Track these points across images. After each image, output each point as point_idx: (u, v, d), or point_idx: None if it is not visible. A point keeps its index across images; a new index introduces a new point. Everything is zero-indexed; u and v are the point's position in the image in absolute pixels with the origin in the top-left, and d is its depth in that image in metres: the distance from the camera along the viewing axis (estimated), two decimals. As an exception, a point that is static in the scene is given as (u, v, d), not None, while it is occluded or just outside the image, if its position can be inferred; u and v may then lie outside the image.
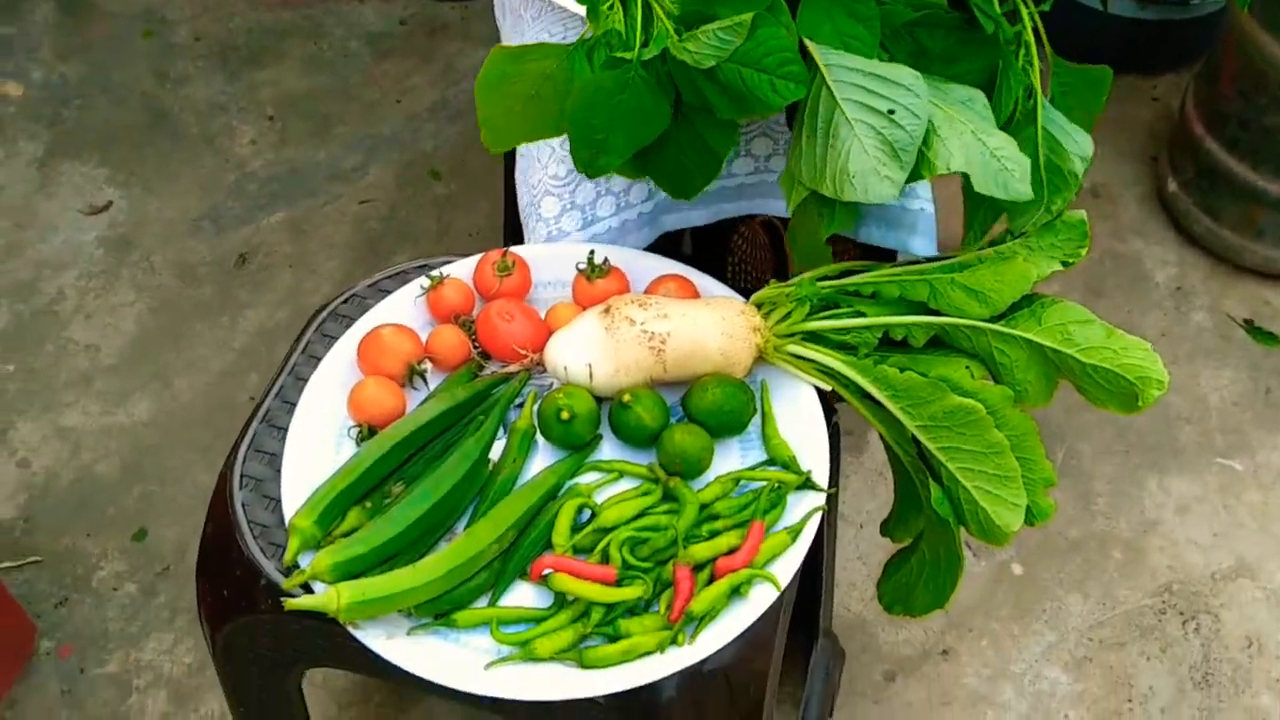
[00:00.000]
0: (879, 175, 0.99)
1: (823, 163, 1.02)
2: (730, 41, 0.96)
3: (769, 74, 0.97)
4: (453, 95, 2.53)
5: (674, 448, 1.05)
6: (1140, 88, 2.53)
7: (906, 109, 1.00)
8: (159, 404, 2.05)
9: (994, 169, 1.01)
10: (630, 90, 1.00)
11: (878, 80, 1.01)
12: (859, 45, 1.04)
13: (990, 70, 1.13)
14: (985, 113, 1.08)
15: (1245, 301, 2.18)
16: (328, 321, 1.22)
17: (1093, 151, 1.14)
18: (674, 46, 0.99)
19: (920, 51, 1.10)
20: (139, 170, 2.39)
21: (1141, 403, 1.08)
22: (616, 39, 1.02)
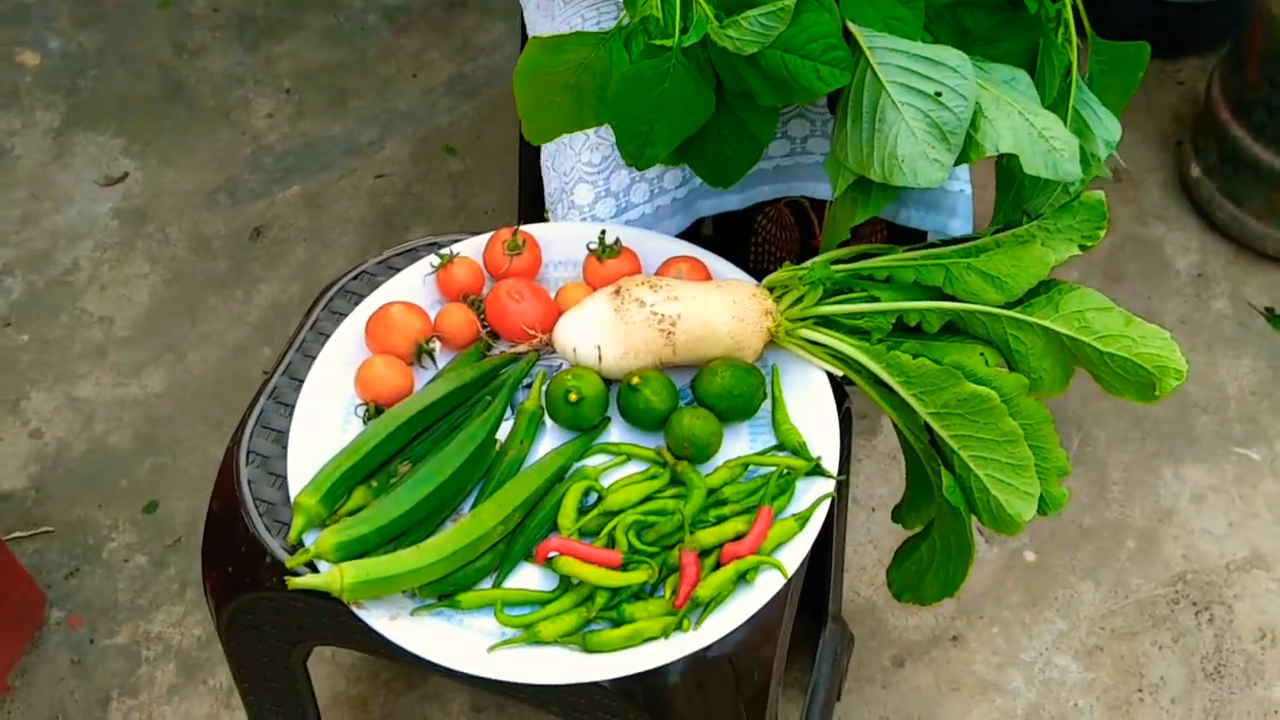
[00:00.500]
0: (928, 159, 0.98)
1: (869, 147, 1.01)
2: (773, 27, 0.95)
3: (813, 60, 0.96)
4: (470, 70, 2.52)
5: (682, 431, 1.04)
6: (1165, 71, 2.50)
7: (953, 90, 0.98)
8: (172, 376, 2.05)
9: (1042, 149, 1.00)
10: (671, 79, 0.99)
11: (924, 62, 0.99)
12: (903, 27, 1.02)
13: (1031, 50, 1.11)
14: (1030, 92, 1.06)
15: (1266, 289, 2.16)
16: (337, 298, 1.21)
17: (1119, 136, 1.12)
18: (715, 33, 0.97)
19: (963, 32, 1.09)
20: (155, 141, 2.38)
21: (1159, 392, 1.07)
22: (655, 25, 1.00)
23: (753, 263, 1.58)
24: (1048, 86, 1.11)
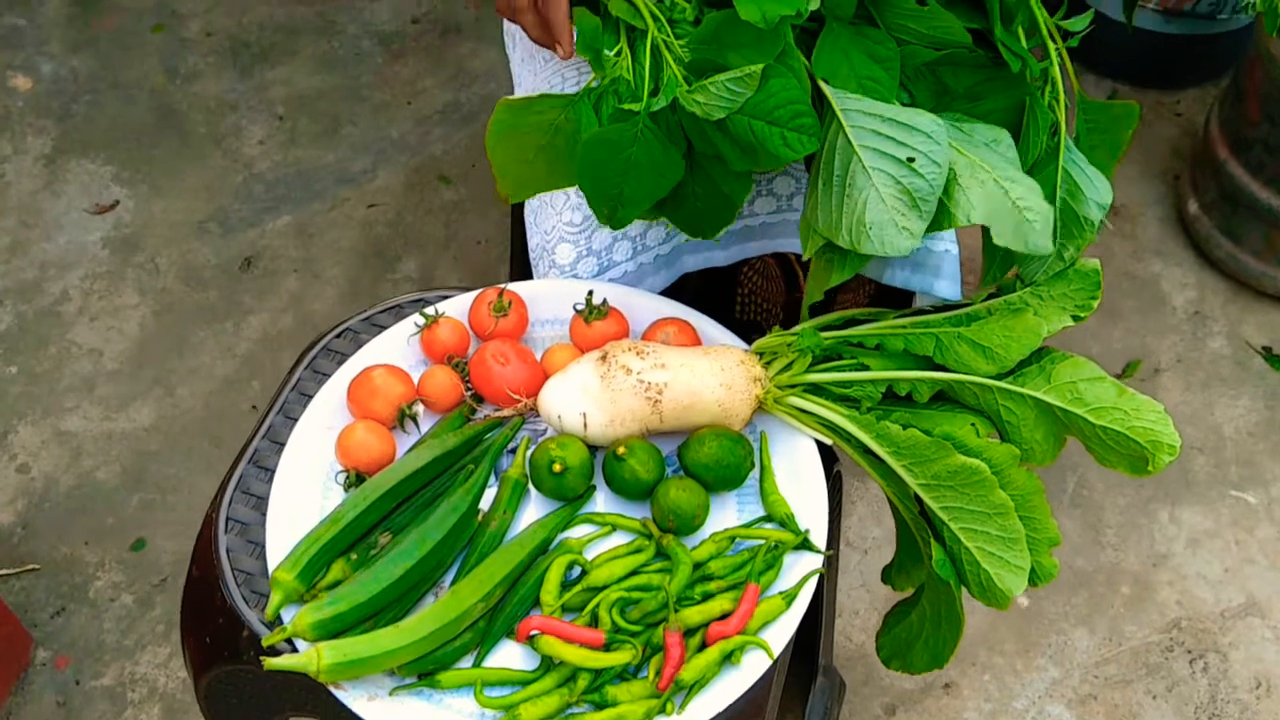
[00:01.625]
0: (897, 227, 0.96)
1: (838, 212, 0.99)
2: (741, 93, 0.93)
3: (780, 126, 0.94)
4: (464, 98, 2.50)
5: (668, 503, 1.02)
6: (1163, 104, 2.48)
7: (927, 156, 0.96)
8: (161, 410, 2.03)
9: (1014, 221, 0.98)
10: (640, 143, 0.97)
11: (897, 126, 0.97)
12: (877, 88, 1.00)
13: (1017, 108, 1.09)
14: (1010, 154, 1.04)
15: (1264, 328, 2.14)
16: (320, 357, 1.20)
17: (1111, 199, 1.11)
18: (683, 97, 0.95)
19: (942, 91, 1.07)
20: (146, 169, 2.37)
21: (1152, 468, 1.05)
22: (625, 88, 0.99)
23: (738, 314, 1.56)
24: (1032, 146, 1.09)
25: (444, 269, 2.22)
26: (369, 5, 2.67)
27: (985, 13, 1.00)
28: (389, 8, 2.67)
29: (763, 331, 1.58)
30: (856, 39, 1.00)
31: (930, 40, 1.04)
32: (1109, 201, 1.12)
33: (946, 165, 0.95)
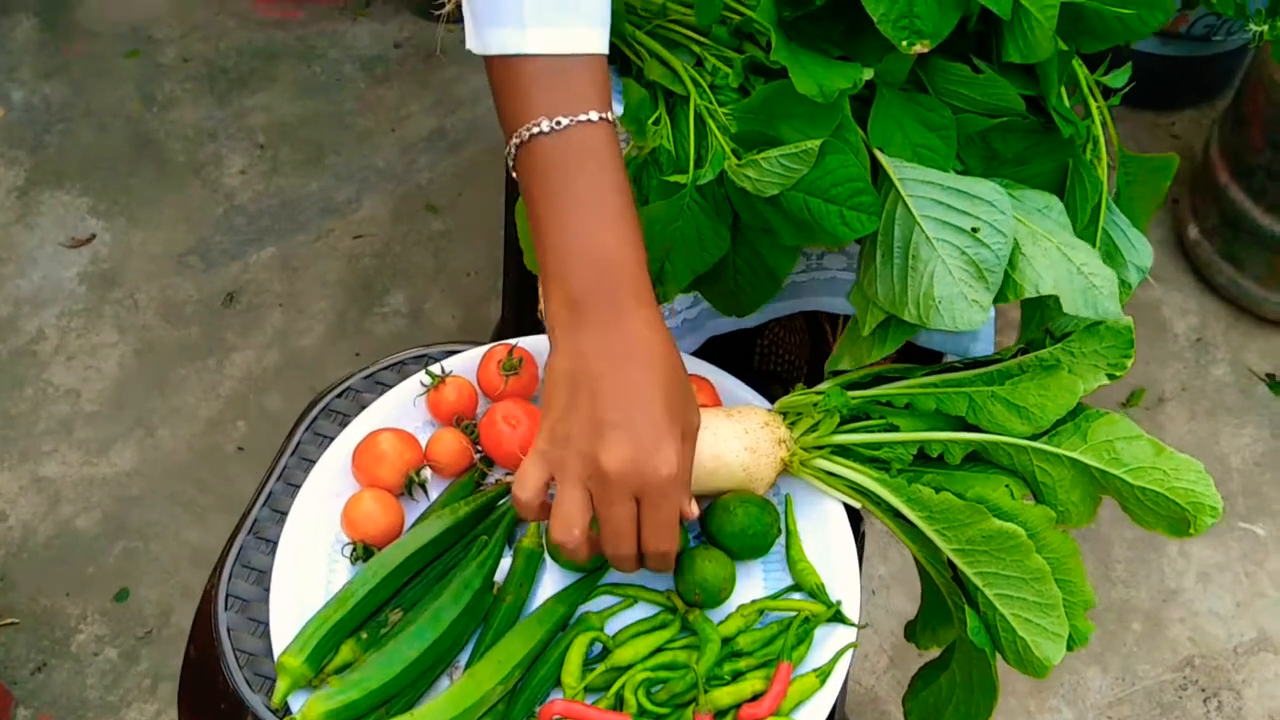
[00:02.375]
0: (966, 300, 0.92)
1: (902, 285, 0.95)
2: (796, 169, 0.88)
3: (838, 205, 0.89)
4: (450, 124, 2.45)
5: (694, 576, 0.98)
6: (1160, 124, 2.46)
7: (991, 226, 0.92)
8: (142, 453, 1.97)
9: (1082, 287, 0.95)
10: (685, 217, 0.92)
11: (958, 195, 0.93)
12: (934, 157, 0.96)
13: (1061, 170, 1.06)
14: (1063, 219, 1.01)
15: (1267, 355, 2.12)
16: (321, 418, 1.14)
17: (1150, 261, 1.08)
18: (732, 171, 0.91)
19: (992, 156, 1.03)
20: (123, 200, 2.30)
21: (1194, 530, 1.01)
22: (666, 158, 0.94)
23: (757, 364, 1.52)
24: (1079, 210, 1.05)
25: (434, 302, 2.17)
26: (350, 29, 2.61)
27: (1035, 78, 0.96)
28: (370, 32, 2.61)
29: (782, 383, 1.54)
30: (909, 106, 0.95)
31: (984, 107, 1.00)
32: (1148, 264, 1.09)
33: (1011, 235, 0.92)
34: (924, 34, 0.90)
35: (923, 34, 0.90)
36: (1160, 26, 1.01)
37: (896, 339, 1.00)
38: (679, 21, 1.01)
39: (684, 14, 1.01)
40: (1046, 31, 0.92)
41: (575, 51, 0.81)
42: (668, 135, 0.94)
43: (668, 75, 0.97)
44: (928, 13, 0.89)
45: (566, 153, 0.81)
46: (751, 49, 0.99)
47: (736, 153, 0.91)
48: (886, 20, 0.89)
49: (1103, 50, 1.04)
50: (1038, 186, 1.03)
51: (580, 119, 0.80)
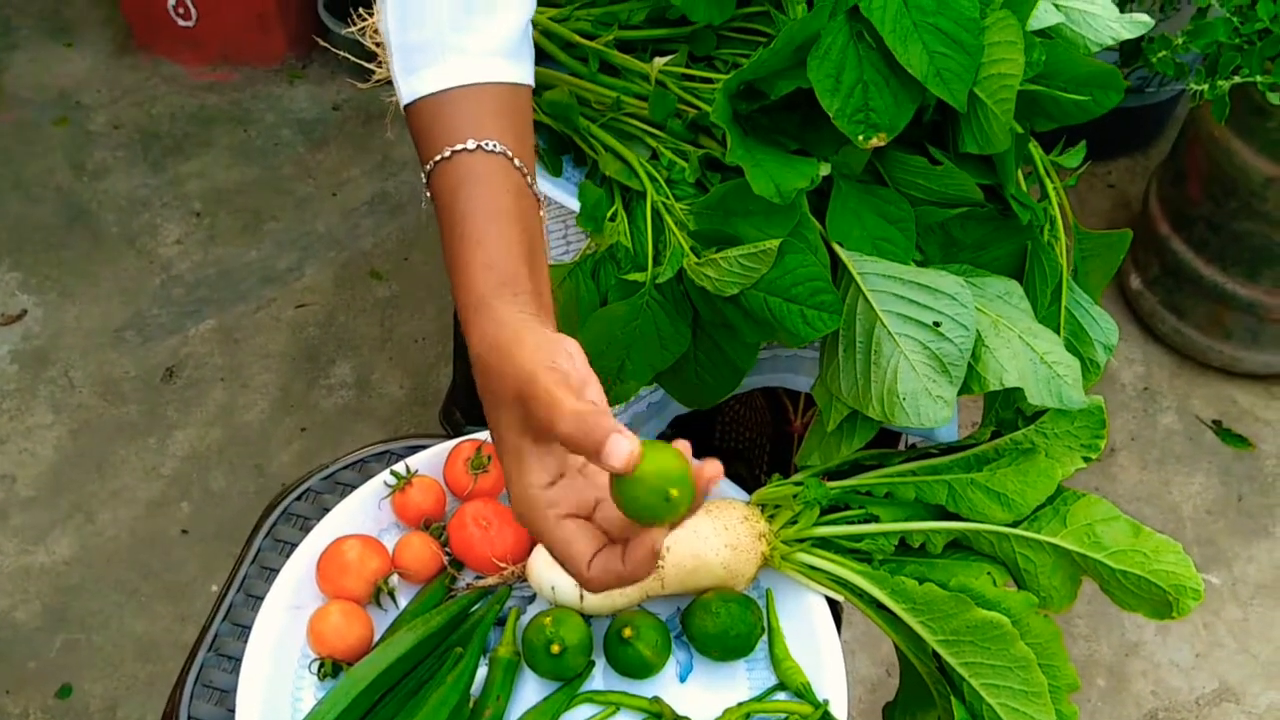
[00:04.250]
0: (930, 395, 0.91)
1: (865, 380, 0.93)
2: (755, 269, 0.87)
3: (799, 304, 0.88)
4: (392, 188, 2.42)
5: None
6: (1095, 174, 2.50)
7: (953, 320, 0.91)
8: (82, 540, 1.90)
9: (1046, 378, 0.94)
10: (645, 315, 0.90)
11: (920, 289, 0.92)
12: (893, 249, 0.95)
13: (1020, 252, 1.06)
14: (1023, 305, 1.00)
15: (1212, 401, 2.15)
16: (281, 523, 1.10)
17: (1116, 339, 1.08)
18: (692, 270, 0.89)
19: (951, 243, 1.02)
20: (55, 275, 2.23)
21: (1177, 613, 1.00)
22: (624, 255, 0.92)
23: (718, 442, 1.50)
24: (1039, 293, 1.05)
25: (382, 371, 2.12)
26: (286, 92, 2.57)
27: (992, 166, 0.96)
28: (308, 94, 2.57)
29: (744, 460, 1.52)
30: (867, 199, 0.94)
31: (943, 198, 0.99)
32: (1114, 342, 1.09)
33: (974, 328, 0.91)
34: (880, 127, 0.89)
35: (879, 127, 0.89)
36: (1114, 104, 1.01)
37: (864, 433, 0.99)
38: (634, 115, 0.99)
39: (639, 107, 0.99)
40: (1003, 124, 0.91)
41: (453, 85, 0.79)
42: (625, 232, 0.92)
43: (624, 171, 0.95)
44: (883, 106, 0.89)
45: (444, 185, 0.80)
46: (707, 143, 0.97)
47: (695, 250, 0.90)
48: (842, 115, 0.88)
49: (1057, 128, 1.05)
50: (997, 271, 1.02)
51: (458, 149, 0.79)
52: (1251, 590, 1.92)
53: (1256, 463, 2.07)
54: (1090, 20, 1.00)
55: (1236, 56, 1.70)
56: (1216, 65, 1.70)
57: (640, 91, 0.97)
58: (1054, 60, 0.95)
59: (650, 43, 0.99)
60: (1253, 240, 1.93)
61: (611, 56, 0.99)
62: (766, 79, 0.88)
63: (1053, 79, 0.95)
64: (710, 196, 0.89)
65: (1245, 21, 1.73)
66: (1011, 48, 0.88)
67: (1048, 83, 0.95)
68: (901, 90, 0.88)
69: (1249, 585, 1.92)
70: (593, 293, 0.93)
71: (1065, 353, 0.93)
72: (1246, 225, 1.93)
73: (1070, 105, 0.99)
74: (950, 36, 0.87)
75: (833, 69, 0.86)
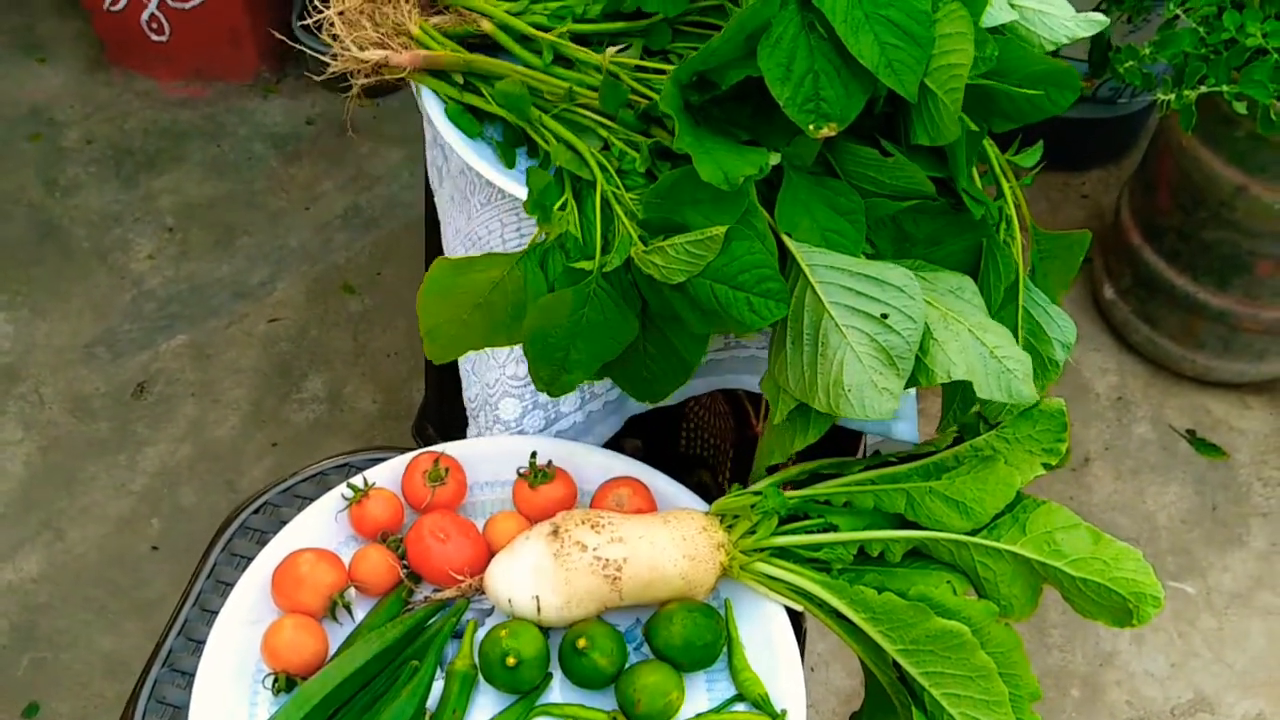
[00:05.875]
0: (876, 387, 0.90)
1: (812, 372, 0.92)
2: (702, 256, 0.86)
3: (746, 292, 0.87)
4: (365, 201, 2.41)
5: (636, 694, 0.94)
6: (1070, 185, 2.51)
7: (901, 312, 0.90)
8: (50, 557, 1.88)
9: (995, 371, 0.93)
10: (592, 304, 0.90)
11: (868, 281, 0.92)
12: (842, 241, 0.94)
13: (975, 249, 1.05)
14: (976, 300, 1.00)
15: (1186, 411, 2.15)
16: (237, 537, 1.09)
17: (1075, 336, 1.08)
18: (639, 258, 0.89)
19: (903, 237, 1.02)
20: (26, 290, 2.22)
21: (1137, 620, 1.00)
22: (573, 244, 0.91)
23: (684, 448, 1.50)
24: (993, 290, 1.05)
25: (354, 386, 2.11)
26: (260, 106, 2.57)
27: (945, 159, 0.96)
28: (281, 108, 2.57)
29: (708, 467, 1.51)
30: (818, 190, 0.94)
31: (894, 190, 0.98)
32: (1073, 340, 1.09)
33: (922, 320, 0.90)
34: (830, 117, 0.88)
35: (829, 117, 0.88)
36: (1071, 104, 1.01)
37: (819, 426, 0.98)
38: (586, 106, 0.99)
39: (591, 98, 0.99)
40: (952, 114, 0.91)
41: None
42: (574, 222, 0.92)
43: (574, 160, 0.95)
44: (834, 96, 0.88)
45: None
46: (659, 133, 0.97)
47: (644, 239, 0.89)
48: (792, 104, 0.88)
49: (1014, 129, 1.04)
50: (951, 266, 1.01)
51: None
52: (1226, 599, 1.92)
53: (1230, 472, 2.07)
54: (1045, 19, 1.00)
55: (1203, 66, 1.70)
56: (1183, 75, 1.70)
57: (593, 83, 0.97)
58: (1008, 57, 0.95)
59: (606, 36, 0.99)
60: (1222, 249, 1.94)
61: (565, 49, 0.99)
62: (717, 69, 0.88)
63: (1007, 75, 0.95)
64: (659, 185, 0.89)
65: (1211, 32, 1.74)
66: (962, 39, 0.88)
67: (1002, 79, 0.94)
68: (853, 80, 0.87)
69: (1224, 594, 1.92)
70: (540, 281, 0.92)
71: (1016, 348, 0.93)
72: (1216, 235, 1.93)
73: (1025, 102, 0.98)
74: (901, 28, 0.86)
75: (783, 58, 0.86)
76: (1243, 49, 1.69)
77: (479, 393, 1.18)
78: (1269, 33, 1.69)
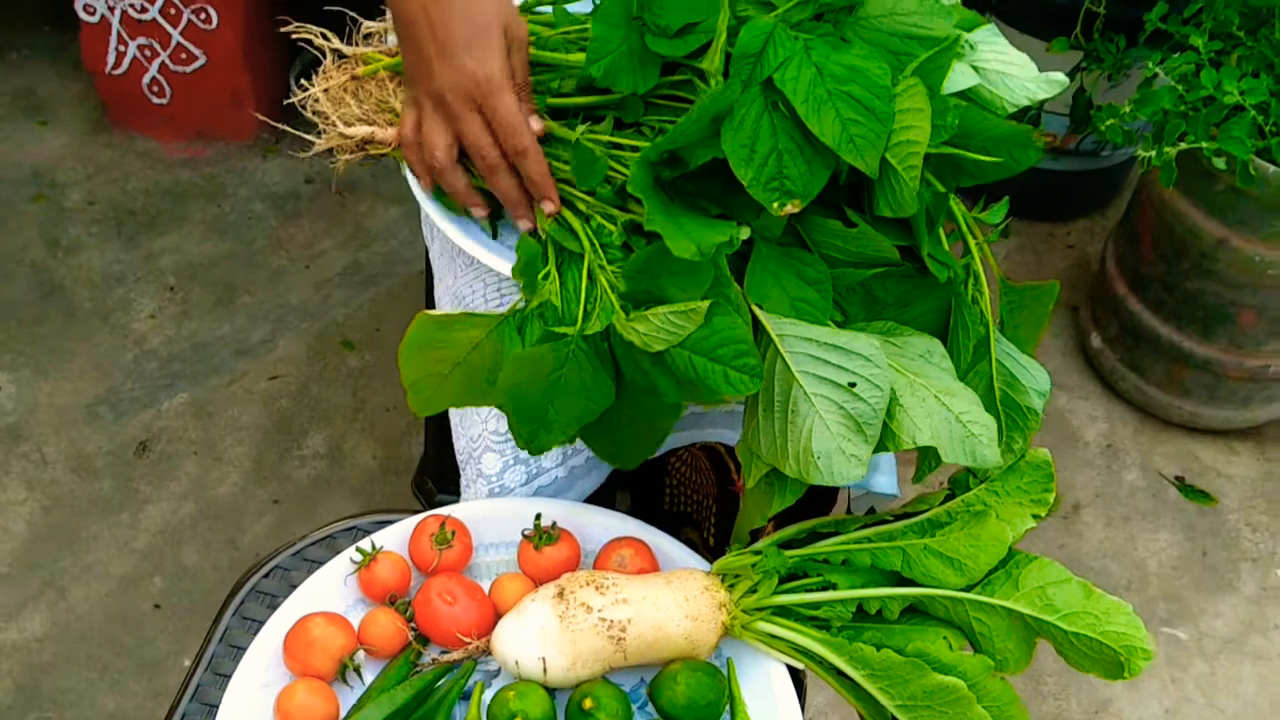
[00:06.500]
0: (844, 454, 0.94)
1: (783, 439, 0.96)
2: (683, 327, 0.90)
3: (723, 364, 0.91)
4: (365, 258, 2.45)
5: (640, 753, 0.96)
6: (1055, 235, 2.55)
7: (868, 381, 0.94)
8: (54, 617, 1.89)
9: (960, 436, 0.96)
10: (570, 365, 0.93)
11: (835, 351, 0.95)
12: (811, 310, 0.98)
13: (944, 308, 1.09)
14: (945, 364, 1.03)
15: (1175, 458, 2.18)
16: (249, 601, 1.11)
17: (1050, 385, 1.11)
18: (621, 326, 0.92)
19: (873, 301, 1.05)
20: (29, 351, 2.25)
21: (1128, 673, 1.03)
22: (551, 313, 0.95)
23: (668, 505, 1.53)
24: (962, 349, 1.08)
25: (354, 441, 2.14)
26: (260, 166, 2.61)
27: (909, 227, 0.99)
28: (280, 168, 2.61)
29: (693, 524, 1.54)
30: (786, 261, 0.98)
31: (860, 258, 1.02)
32: (1048, 388, 1.12)
33: (888, 388, 0.94)
34: (794, 194, 0.92)
35: (793, 194, 0.92)
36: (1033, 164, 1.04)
37: (795, 490, 1.01)
38: (565, 180, 1.02)
39: (569, 172, 1.02)
40: (911, 190, 0.94)
41: None
42: (556, 291, 0.95)
43: (562, 232, 0.98)
44: (797, 174, 0.92)
45: None
46: (635, 207, 0.99)
47: (625, 309, 0.93)
48: (757, 183, 0.91)
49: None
50: (921, 326, 1.04)
51: None
52: (1218, 645, 1.94)
53: (1219, 518, 2.10)
54: (1007, 80, 1.04)
55: (1182, 123, 1.75)
56: (1163, 132, 1.75)
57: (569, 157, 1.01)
58: (969, 122, 0.98)
59: (582, 109, 1.02)
60: (1205, 300, 1.98)
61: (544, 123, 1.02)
62: (685, 149, 0.91)
63: (970, 140, 0.99)
64: (636, 260, 0.92)
65: (1190, 89, 1.79)
66: (919, 115, 0.91)
67: (965, 143, 0.98)
68: (815, 158, 0.91)
69: (1215, 640, 1.94)
70: (517, 345, 0.95)
71: (982, 412, 0.96)
72: (1199, 285, 1.98)
73: (988, 165, 1.02)
74: (863, 103, 0.90)
75: (747, 139, 0.90)
76: (1220, 106, 1.74)
77: (465, 446, 1.21)
78: (1246, 90, 1.74)
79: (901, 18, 0.95)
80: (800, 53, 0.90)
